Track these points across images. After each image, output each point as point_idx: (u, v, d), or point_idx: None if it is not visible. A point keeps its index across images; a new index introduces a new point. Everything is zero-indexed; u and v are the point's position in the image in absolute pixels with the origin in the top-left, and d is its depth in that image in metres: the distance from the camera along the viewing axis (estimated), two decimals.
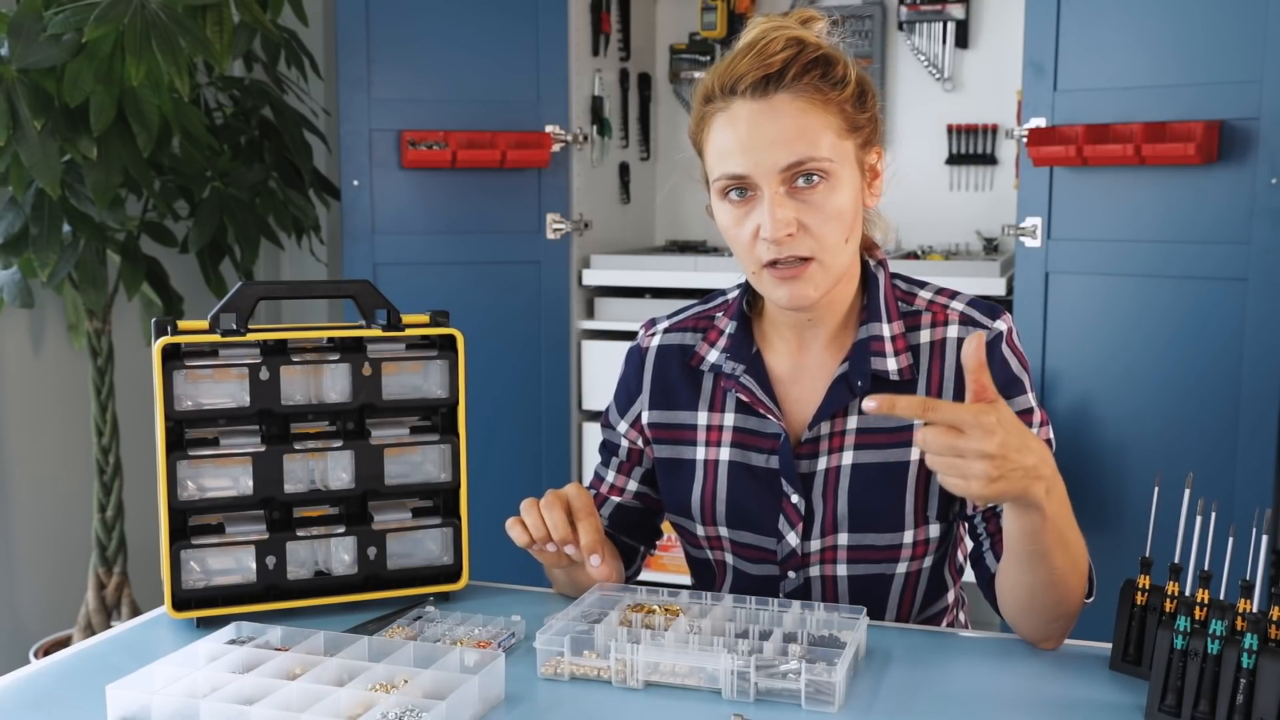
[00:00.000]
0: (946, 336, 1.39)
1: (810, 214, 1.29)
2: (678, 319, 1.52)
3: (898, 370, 1.38)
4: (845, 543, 1.40)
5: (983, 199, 3.30)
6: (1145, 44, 2.48)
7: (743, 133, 1.29)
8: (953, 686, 1.21)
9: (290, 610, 1.42)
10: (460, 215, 3.04)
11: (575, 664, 1.22)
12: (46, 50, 2.36)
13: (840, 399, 1.38)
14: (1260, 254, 2.38)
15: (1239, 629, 1.09)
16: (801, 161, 1.28)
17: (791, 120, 1.28)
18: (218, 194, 2.82)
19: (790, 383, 1.43)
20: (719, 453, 1.44)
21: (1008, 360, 1.38)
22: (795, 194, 1.29)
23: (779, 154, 1.28)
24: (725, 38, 3.39)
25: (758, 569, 1.45)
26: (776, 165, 1.28)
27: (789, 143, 1.28)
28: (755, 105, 1.29)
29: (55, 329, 3.06)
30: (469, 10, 2.99)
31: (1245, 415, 2.41)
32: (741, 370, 1.42)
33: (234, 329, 1.37)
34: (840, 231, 1.32)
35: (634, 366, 1.52)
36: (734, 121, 1.30)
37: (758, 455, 1.42)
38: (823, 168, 1.29)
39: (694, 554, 1.53)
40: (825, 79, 1.30)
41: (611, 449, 1.56)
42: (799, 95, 1.29)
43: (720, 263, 3.10)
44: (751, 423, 1.43)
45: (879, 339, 1.39)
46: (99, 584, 2.87)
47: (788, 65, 1.29)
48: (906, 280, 1.45)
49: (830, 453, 1.39)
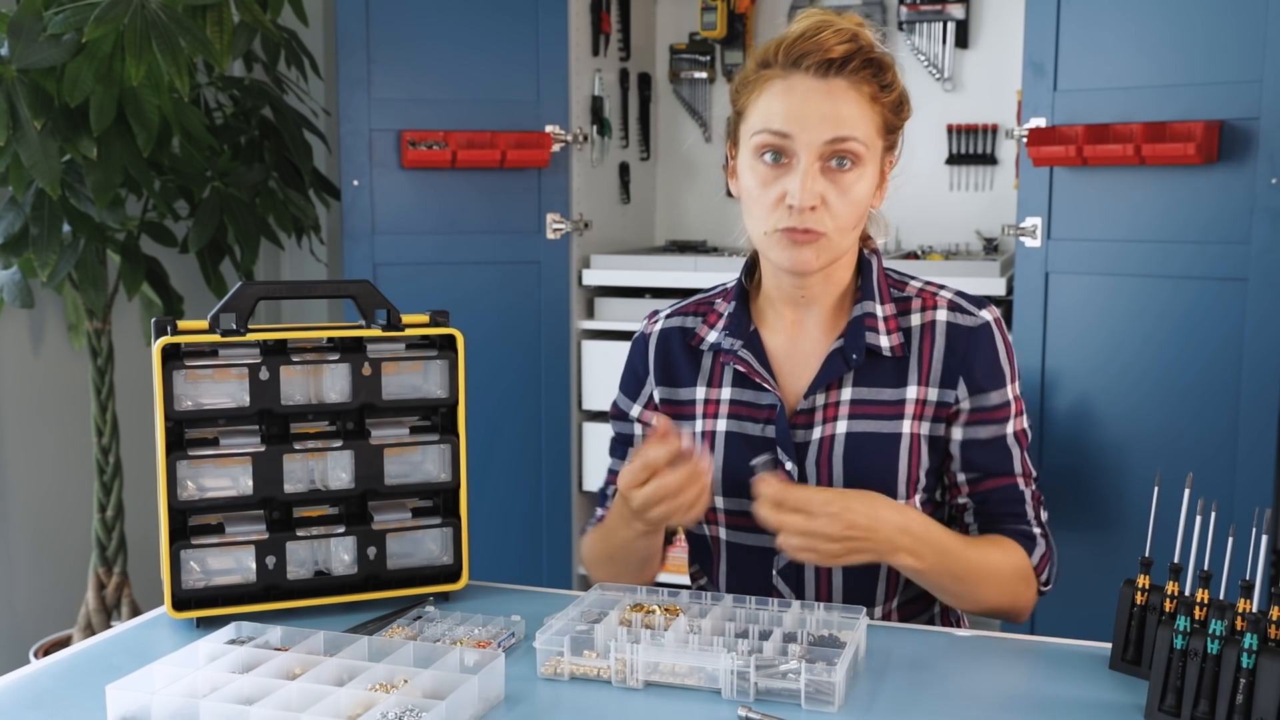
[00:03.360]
0: (936, 319, 1.46)
1: (835, 194, 1.37)
2: (679, 305, 1.59)
3: (890, 348, 1.45)
4: None
5: (983, 199, 3.30)
6: (1145, 44, 2.48)
7: (797, 101, 1.37)
8: (953, 686, 1.21)
9: (290, 610, 1.42)
10: (460, 215, 3.04)
11: (575, 664, 1.22)
12: (46, 50, 2.36)
13: (835, 370, 1.45)
14: (1260, 254, 2.38)
15: (1239, 629, 1.09)
16: (844, 139, 1.37)
17: (845, 105, 1.37)
18: (218, 194, 2.82)
19: (785, 358, 1.49)
20: (716, 424, 1.49)
21: (994, 349, 1.45)
22: (827, 172, 1.38)
23: (826, 128, 1.36)
24: (725, 38, 3.39)
25: (753, 539, 1.47)
26: (821, 137, 1.36)
27: (837, 121, 1.36)
28: (815, 83, 1.37)
29: (55, 329, 3.06)
30: (469, 10, 2.99)
31: (1245, 415, 2.41)
32: (740, 345, 1.48)
33: (234, 329, 1.37)
34: (854, 217, 1.40)
35: (639, 352, 1.58)
36: (791, 90, 1.38)
37: (753, 425, 1.47)
38: (858, 152, 1.38)
39: (692, 529, 1.56)
40: (877, 79, 1.39)
41: (625, 441, 1.59)
42: (855, 86, 1.38)
43: (720, 263, 3.10)
44: (748, 395, 1.48)
45: (873, 316, 1.46)
46: (99, 584, 2.87)
47: (850, 56, 1.37)
48: (898, 272, 1.54)
49: (824, 423, 1.44)
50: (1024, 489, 1.47)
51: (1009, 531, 1.45)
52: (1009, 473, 1.46)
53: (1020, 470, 1.47)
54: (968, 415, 1.45)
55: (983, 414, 1.45)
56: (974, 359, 1.44)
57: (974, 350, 1.44)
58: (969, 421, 1.45)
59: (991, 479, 1.46)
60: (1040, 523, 1.47)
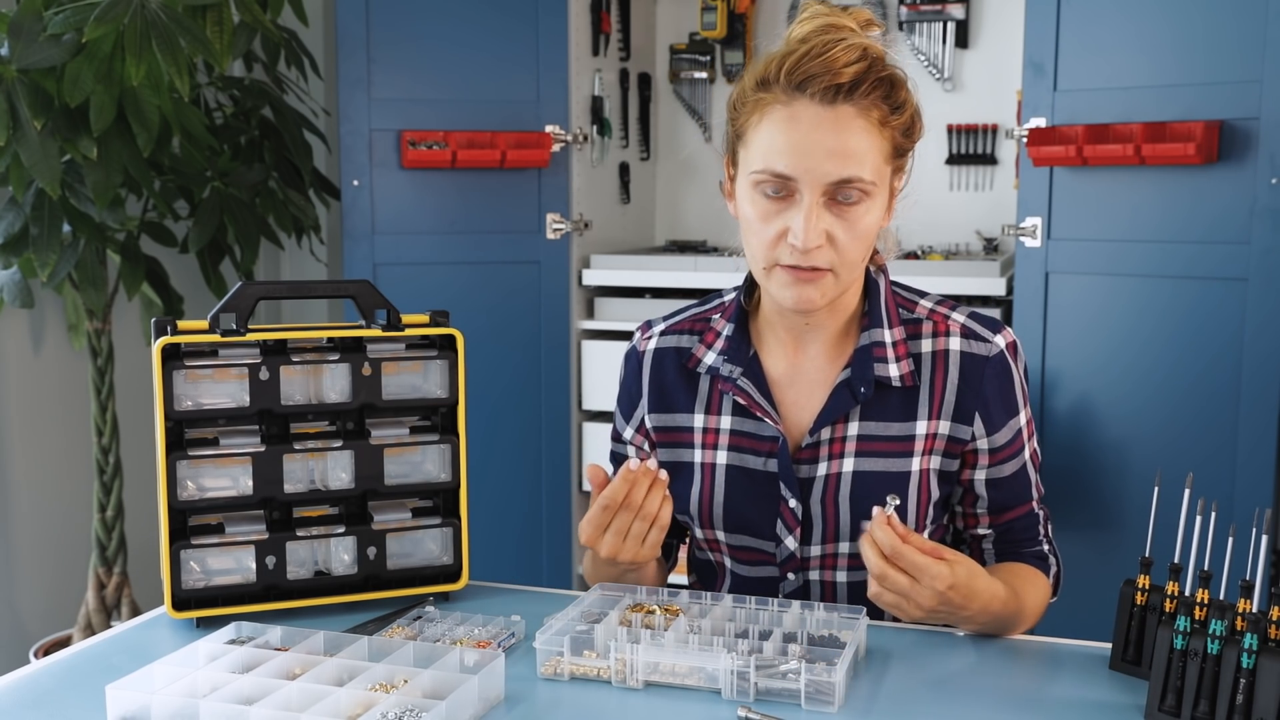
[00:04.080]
0: (949, 348, 1.39)
1: (842, 229, 1.29)
2: (674, 321, 1.51)
3: (899, 376, 1.38)
4: (846, 550, 1.41)
5: (983, 199, 3.30)
6: (1145, 44, 2.48)
7: (801, 136, 1.27)
8: (953, 686, 1.21)
9: (290, 610, 1.42)
10: (460, 215, 3.04)
11: (575, 664, 1.22)
12: (46, 50, 2.36)
13: (843, 405, 1.39)
14: (1260, 254, 2.38)
15: (1239, 629, 1.09)
16: (850, 180, 1.28)
17: (853, 138, 1.28)
18: (218, 194, 2.82)
19: (787, 386, 1.43)
20: (716, 456, 1.44)
21: (1010, 378, 1.40)
22: (832, 207, 1.29)
23: (832, 166, 1.27)
24: (725, 38, 3.39)
25: (756, 571, 1.46)
26: (827, 177, 1.28)
27: (844, 158, 1.27)
28: (820, 111, 1.27)
29: (55, 329, 3.06)
30: (469, 10, 2.99)
31: (1245, 415, 2.41)
32: (739, 373, 1.42)
33: (234, 329, 1.37)
34: (862, 250, 1.33)
35: (632, 370, 1.52)
36: (794, 121, 1.28)
37: (755, 458, 1.42)
38: (865, 189, 1.29)
39: (695, 553, 1.54)
40: (888, 100, 1.30)
41: (619, 460, 1.55)
42: (863, 113, 1.28)
43: (720, 263, 3.10)
44: (749, 425, 1.43)
45: (881, 345, 1.39)
46: (99, 584, 2.87)
47: (860, 79, 1.28)
48: (906, 289, 1.46)
49: (831, 459, 1.39)
50: (1038, 511, 1.46)
51: (1027, 555, 1.45)
52: (1027, 500, 1.45)
53: (1035, 495, 1.45)
54: (989, 457, 1.41)
55: (1002, 452, 1.41)
56: (989, 392, 1.38)
57: (989, 381, 1.38)
58: (990, 463, 1.41)
59: (1011, 510, 1.44)
60: (1049, 540, 1.47)
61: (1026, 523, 1.45)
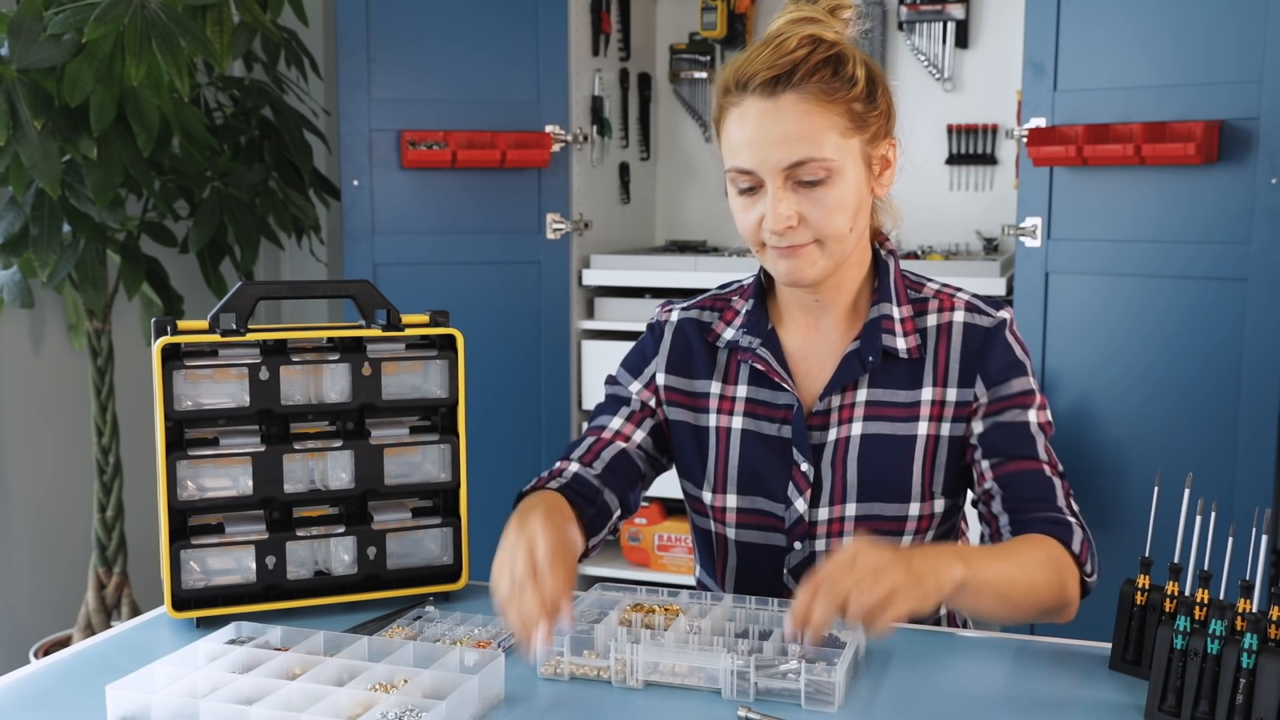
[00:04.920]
0: (953, 320, 1.45)
1: (811, 208, 1.35)
2: (695, 300, 1.58)
3: (906, 350, 1.44)
4: (853, 513, 1.43)
5: (983, 199, 3.30)
6: (1145, 44, 2.48)
7: (750, 130, 1.35)
8: (953, 686, 1.21)
9: (290, 610, 1.42)
10: (460, 215, 3.04)
11: (575, 664, 1.22)
12: (46, 50, 2.36)
13: (852, 372, 1.44)
14: (1260, 254, 2.38)
15: (1239, 629, 1.09)
16: (803, 161, 1.33)
17: (795, 122, 1.33)
18: (218, 194, 2.82)
19: (801, 358, 1.49)
20: (732, 421, 1.48)
21: (1010, 346, 1.45)
22: (798, 189, 1.35)
23: (781, 153, 1.33)
24: (725, 38, 3.39)
25: (764, 537, 1.47)
26: (780, 163, 1.34)
27: (792, 143, 1.33)
28: (764, 104, 1.34)
29: (55, 329, 3.05)
30: (469, 10, 2.99)
31: (1245, 415, 2.41)
32: (758, 343, 1.47)
33: (234, 329, 1.37)
34: (843, 222, 1.37)
35: (653, 335, 1.57)
36: (744, 118, 1.35)
37: (769, 424, 1.47)
38: (825, 166, 1.34)
39: (699, 523, 1.55)
40: (835, 78, 1.35)
41: (621, 400, 1.55)
42: (805, 96, 1.34)
43: (720, 263, 3.10)
44: (764, 394, 1.47)
45: (889, 318, 1.45)
46: (99, 584, 2.87)
47: (797, 66, 1.33)
48: (916, 274, 1.53)
49: (840, 424, 1.44)
50: (1052, 477, 1.41)
51: (1040, 520, 1.38)
52: (1033, 457, 1.41)
53: (1045, 459, 1.42)
54: (987, 406, 1.42)
55: (1002, 402, 1.42)
56: (990, 354, 1.43)
57: (990, 346, 1.43)
58: (989, 412, 1.42)
59: (1015, 462, 1.40)
60: (1074, 512, 1.41)
61: (1033, 480, 1.40)
